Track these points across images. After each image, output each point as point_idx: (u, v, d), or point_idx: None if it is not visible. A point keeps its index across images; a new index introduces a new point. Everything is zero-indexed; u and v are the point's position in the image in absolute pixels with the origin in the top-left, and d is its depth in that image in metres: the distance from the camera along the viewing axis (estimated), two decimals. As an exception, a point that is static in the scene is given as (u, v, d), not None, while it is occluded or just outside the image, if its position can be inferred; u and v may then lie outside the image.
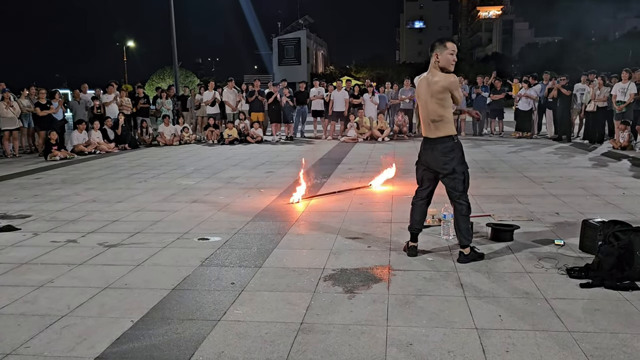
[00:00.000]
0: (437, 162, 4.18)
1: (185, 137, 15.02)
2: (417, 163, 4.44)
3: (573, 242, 4.63)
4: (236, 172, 9.41)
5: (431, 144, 4.21)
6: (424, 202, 4.41)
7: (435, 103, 4.10)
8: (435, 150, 4.17)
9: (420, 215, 4.41)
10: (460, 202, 4.16)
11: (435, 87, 4.08)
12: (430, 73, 4.16)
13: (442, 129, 4.13)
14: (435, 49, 4.11)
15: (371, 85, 16.32)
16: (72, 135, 13.13)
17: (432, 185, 4.38)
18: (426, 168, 4.31)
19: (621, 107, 11.69)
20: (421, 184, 4.42)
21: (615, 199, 6.42)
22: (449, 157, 4.12)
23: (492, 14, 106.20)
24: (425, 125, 4.26)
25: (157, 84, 34.59)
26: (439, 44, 4.12)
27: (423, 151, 4.31)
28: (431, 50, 4.15)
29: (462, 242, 4.20)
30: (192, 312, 3.37)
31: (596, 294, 3.52)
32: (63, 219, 6.04)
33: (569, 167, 9.12)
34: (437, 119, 4.12)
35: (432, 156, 4.20)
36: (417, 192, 4.46)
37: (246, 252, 4.62)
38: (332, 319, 3.21)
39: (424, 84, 4.20)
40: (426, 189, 4.39)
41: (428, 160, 4.25)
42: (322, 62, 71.53)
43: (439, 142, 4.15)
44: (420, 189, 4.44)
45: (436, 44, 4.14)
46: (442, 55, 4.08)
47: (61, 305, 3.53)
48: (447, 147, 4.13)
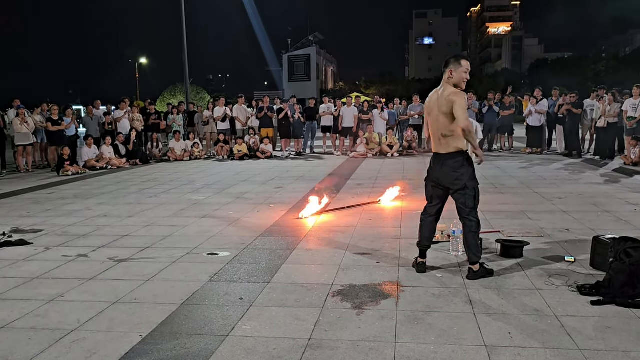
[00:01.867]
0: (447, 178, 4.18)
1: (196, 153, 15.13)
2: (426, 179, 4.44)
3: (583, 258, 4.59)
4: (246, 187, 9.45)
5: (441, 159, 4.20)
6: (432, 218, 4.41)
7: (446, 117, 4.10)
8: (445, 165, 4.17)
9: (429, 232, 4.40)
10: (470, 218, 4.15)
11: (445, 102, 4.08)
12: (443, 88, 4.17)
13: (453, 144, 4.13)
14: (450, 65, 4.13)
15: (380, 102, 16.39)
16: (83, 151, 13.28)
17: (441, 202, 4.37)
18: (436, 184, 4.31)
19: (632, 123, 11.64)
20: (430, 201, 4.41)
21: (627, 216, 6.37)
22: (460, 172, 4.12)
23: (502, 30, 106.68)
24: (435, 140, 4.27)
25: (169, 100, 34.99)
26: (454, 60, 4.15)
27: (433, 167, 4.32)
28: (445, 66, 4.17)
29: (472, 259, 4.18)
30: (200, 327, 3.38)
31: (607, 311, 3.48)
32: (74, 234, 6.09)
33: (579, 183, 9.07)
34: (447, 133, 4.12)
35: (442, 172, 4.20)
36: (426, 209, 4.45)
37: (255, 267, 4.63)
38: (341, 335, 3.20)
39: (434, 98, 4.21)
40: (435, 206, 4.38)
41: (438, 176, 4.24)
42: (331, 79, 71.93)
43: (449, 157, 4.15)
44: (429, 206, 4.43)
45: (451, 61, 4.16)
46: (456, 72, 4.10)
47: (71, 319, 3.56)
48: (458, 162, 4.12)
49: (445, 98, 4.08)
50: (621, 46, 78.41)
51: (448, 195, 4.31)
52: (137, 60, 54.92)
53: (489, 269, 4.25)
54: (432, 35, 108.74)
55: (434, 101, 4.20)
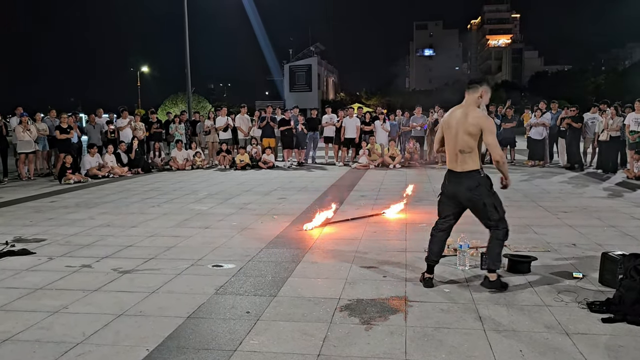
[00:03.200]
0: (464, 196, 4.16)
1: (198, 162, 15.11)
2: (440, 195, 4.39)
3: (592, 274, 4.56)
4: (249, 197, 9.43)
5: (457, 177, 4.18)
6: (443, 233, 4.38)
7: (468, 135, 4.10)
8: (461, 184, 4.15)
9: (438, 247, 4.37)
10: (499, 227, 4.16)
11: (473, 124, 4.07)
12: (470, 107, 4.17)
13: (470, 162, 4.12)
14: (483, 86, 4.18)
15: (382, 113, 16.40)
16: (85, 160, 13.27)
17: (454, 219, 4.35)
18: (452, 201, 4.26)
19: (635, 136, 11.64)
20: (443, 217, 4.37)
21: (633, 230, 6.34)
22: (476, 192, 4.11)
23: (502, 42, 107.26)
24: (451, 156, 4.23)
25: (170, 109, 35.02)
26: (486, 83, 4.24)
27: (448, 184, 4.28)
28: (474, 85, 4.18)
29: (490, 266, 4.17)
30: (207, 341, 3.34)
31: (619, 329, 3.45)
32: (77, 243, 6.05)
33: (583, 197, 9.05)
34: (466, 149, 4.11)
35: (458, 190, 4.17)
36: (437, 224, 4.41)
37: (261, 280, 4.59)
38: (350, 351, 3.16)
39: (458, 116, 4.18)
40: (447, 221, 4.35)
41: (456, 193, 4.20)
42: (332, 89, 72.15)
43: (465, 176, 4.13)
44: (441, 221, 4.39)
45: (484, 82, 4.23)
46: (486, 95, 4.18)
47: (76, 332, 3.52)
48: (474, 182, 4.11)
49: (473, 119, 4.07)
50: (620, 59, 78.79)
51: (463, 212, 4.29)
52: (139, 68, 55.13)
53: (504, 283, 4.23)
54: (433, 47, 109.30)
55: (458, 119, 4.17)
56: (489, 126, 4.08)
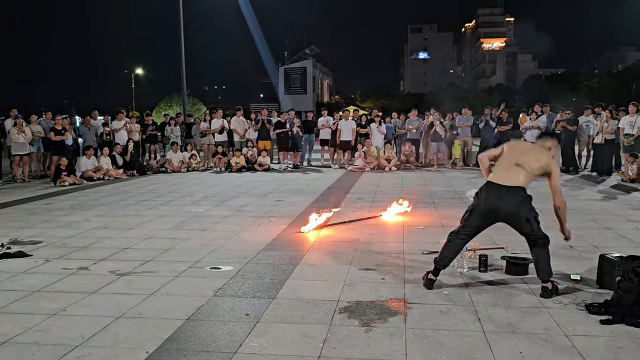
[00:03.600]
0: (507, 211, 4.12)
1: (193, 164, 15.08)
2: (474, 208, 4.26)
3: (589, 276, 4.58)
4: (245, 200, 9.41)
5: (502, 192, 4.13)
6: (462, 243, 4.33)
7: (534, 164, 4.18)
8: (506, 199, 4.11)
9: (452, 254, 4.33)
10: (541, 236, 4.17)
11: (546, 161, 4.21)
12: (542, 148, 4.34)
13: (520, 179, 4.15)
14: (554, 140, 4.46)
15: (378, 115, 16.43)
16: (81, 161, 13.21)
17: (478, 232, 4.33)
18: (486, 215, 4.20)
19: (630, 140, 11.71)
20: (468, 228, 4.29)
21: (629, 233, 6.38)
22: (520, 209, 4.11)
23: (496, 45, 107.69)
24: (503, 169, 4.21)
25: (165, 111, 34.96)
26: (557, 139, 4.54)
27: (489, 196, 4.16)
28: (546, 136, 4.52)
29: (546, 277, 4.15)
30: (207, 343, 3.33)
31: (617, 330, 3.46)
32: (74, 246, 6.03)
33: (579, 200, 9.09)
34: (525, 167, 4.15)
35: (502, 204, 4.11)
36: (459, 232, 4.31)
37: (259, 282, 4.58)
38: (350, 353, 3.16)
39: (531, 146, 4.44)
40: (470, 234, 4.31)
41: (498, 208, 4.12)
42: (327, 92, 72.22)
43: (511, 192, 4.12)
44: (464, 230, 4.29)
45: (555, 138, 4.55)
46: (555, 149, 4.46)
47: (75, 334, 3.50)
48: (518, 198, 4.12)
49: (547, 159, 4.21)
50: (613, 63, 79.31)
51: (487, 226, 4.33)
52: (134, 70, 55.03)
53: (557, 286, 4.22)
54: (427, 50, 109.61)
55: (530, 146, 4.41)
56: (557, 171, 4.26)
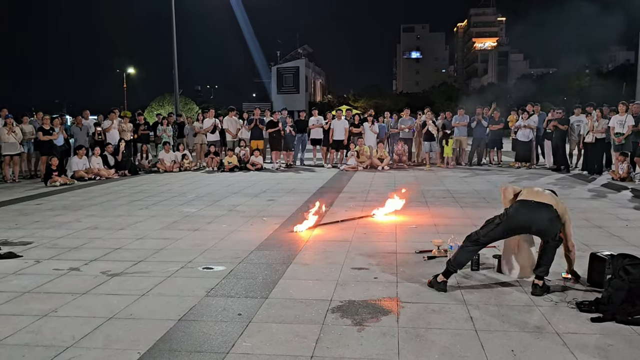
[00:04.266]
0: (540, 226, 4.21)
1: (186, 164, 15.03)
2: (502, 220, 4.30)
3: (580, 274, 4.59)
4: (238, 199, 9.39)
5: (535, 206, 4.24)
6: (478, 249, 4.40)
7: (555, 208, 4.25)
8: (540, 214, 4.20)
9: (467, 260, 4.43)
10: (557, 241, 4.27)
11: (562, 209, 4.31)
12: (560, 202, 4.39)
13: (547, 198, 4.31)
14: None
15: (371, 115, 16.44)
16: (72, 161, 13.14)
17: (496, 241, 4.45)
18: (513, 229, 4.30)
19: (620, 138, 11.80)
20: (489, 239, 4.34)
21: (619, 231, 6.43)
22: (554, 224, 4.22)
23: (488, 45, 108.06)
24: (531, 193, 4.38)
25: (157, 110, 34.84)
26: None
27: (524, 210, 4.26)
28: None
29: (540, 273, 4.22)
30: (199, 344, 3.32)
31: (608, 328, 3.49)
32: (65, 246, 5.99)
33: (570, 198, 9.14)
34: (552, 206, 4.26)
35: (536, 219, 4.20)
36: (478, 240, 4.32)
37: (251, 282, 4.58)
38: (343, 353, 3.16)
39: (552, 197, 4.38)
40: (488, 243, 4.39)
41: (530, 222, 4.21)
42: (320, 91, 72.23)
43: (544, 207, 4.22)
44: (483, 239, 4.32)
45: None
46: None
47: (66, 335, 3.48)
48: (551, 216, 4.21)
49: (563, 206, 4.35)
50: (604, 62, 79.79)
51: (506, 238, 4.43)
52: (125, 70, 54.78)
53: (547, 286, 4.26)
54: (420, 50, 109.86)
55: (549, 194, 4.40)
56: (570, 218, 4.41)
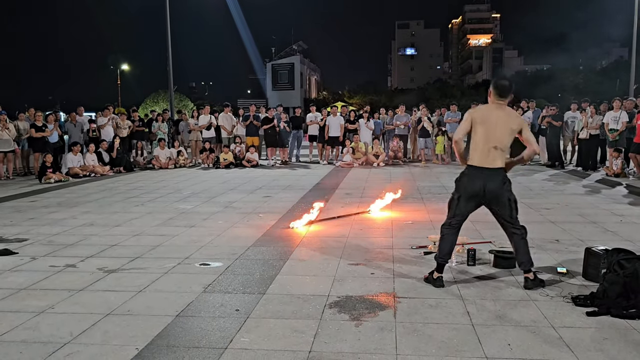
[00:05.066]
0: (493, 192, 4.17)
1: (181, 161, 15.00)
2: (459, 195, 4.28)
3: (575, 269, 4.64)
4: (234, 196, 9.39)
5: (488, 173, 4.17)
6: (456, 232, 4.35)
7: (509, 135, 4.23)
8: (492, 181, 4.16)
9: (450, 246, 4.35)
10: (518, 226, 4.29)
11: (517, 122, 4.26)
12: (508, 108, 4.31)
13: (499, 161, 4.21)
14: (513, 89, 4.30)
15: (366, 111, 16.45)
16: (67, 158, 13.09)
17: (466, 217, 4.35)
18: (471, 200, 4.24)
19: (614, 135, 11.86)
20: (457, 216, 4.31)
21: (614, 226, 6.47)
22: (506, 187, 4.22)
23: (482, 42, 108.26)
24: (481, 152, 4.19)
25: (151, 107, 34.72)
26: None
27: (475, 180, 4.19)
28: (511, 90, 4.28)
29: (528, 267, 4.21)
30: (197, 339, 3.32)
31: (603, 322, 3.52)
32: (61, 243, 5.97)
33: (565, 194, 9.20)
34: (502, 148, 4.21)
35: (488, 186, 4.16)
36: (450, 223, 4.33)
37: (249, 278, 4.58)
38: (341, 348, 3.18)
39: (499, 113, 4.21)
40: (461, 220, 4.33)
41: (484, 190, 4.16)
42: (315, 87, 72.16)
43: (495, 173, 4.18)
44: (455, 220, 4.31)
45: (513, 86, 4.33)
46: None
47: (63, 332, 3.47)
48: (504, 177, 4.22)
49: (516, 118, 4.26)
50: (598, 59, 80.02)
51: (475, 210, 4.35)
52: (119, 66, 54.51)
53: (541, 279, 4.27)
54: (414, 46, 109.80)
55: (499, 116, 4.20)
56: (527, 124, 4.37)
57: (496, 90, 4.23)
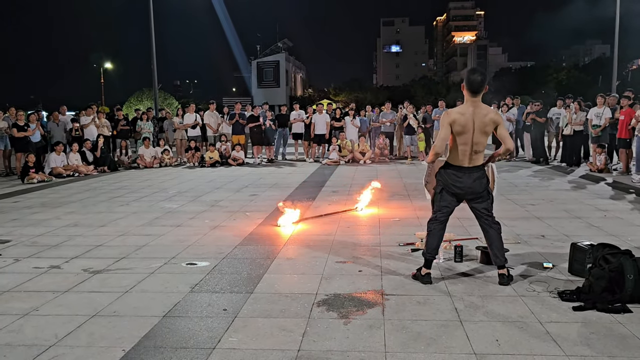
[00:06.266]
0: (474, 188, 4.23)
1: (166, 160, 14.88)
2: (442, 190, 4.33)
3: (561, 264, 4.68)
4: (220, 195, 9.33)
5: (468, 171, 4.22)
6: (442, 227, 4.37)
7: (486, 136, 4.22)
8: (471, 177, 4.21)
9: (438, 241, 4.36)
10: (496, 221, 4.32)
11: (491, 122, 4.19)
12: (480, 105, 4.20)
13: (480, 159, 4.25)
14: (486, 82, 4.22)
15: (352, 109, 16.46)
16: (50, 158, 12.90)
17: (451, 211, 4.38)
18: (453, 196, 4.29)
19: (597, 130, 11.99)
20: (443, 210, 4.33)
21: (598, 221, 6.54)
22: (483, 181, 4.26)
23: (467, 39, 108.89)
24: (462, 155, 4.21)
25: (136, 105, 34.42)
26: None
27: (456, 179, 4.23)
28: (484, 85, 4.19)
29: (503, 263, 4.26)
30: (185, 340, 3.29)
31: (589, 317, 3.55)
32: (44, 244, 5.88)
33: (550, 190, 9.28)
34: (481, 150, 4.22)
35: (468, 183, 4.21)
36: (436, 218, 4.36)
37: (236, 277, 4.55)
38: (330, 346, 3.17)
39: (477, 116, 4.15)
40: (447, 215, 4.36)
41: (465, 187, 4.22)
42: (300, 85, 72.04)
43: (474, 170, 4.23)
44: (441, 214, 4.34)
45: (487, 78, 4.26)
46: None
47: (48, 334, 3.42)
48: (482, 172, 4.26)
49: (491, 119, 4.18)
50: (580, 56, 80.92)
51: (458, 204, 4.39)
52: (102, 65, 53.91)
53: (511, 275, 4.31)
54: (400, 43, 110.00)
55: (476, 118, 4.15)
56: (502, 120, 4.32)
57: (468, 86, 4.20)
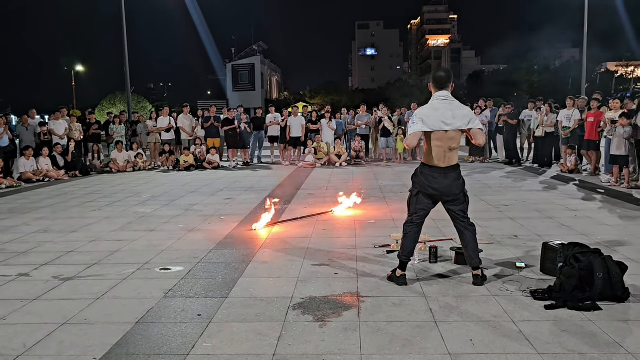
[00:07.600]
0: (451, 189, 4.22)
1: (140, 164, 14.67)
2: (418, 192, 4.31)
3: (533, 263, 4.75)
4: (194, 199, 9.24)
5: (444, 172, 4.19)
6: (418, 229, 4.37)
7: (459, 133, 4.20)
8: (449, 178, 4.20)
9: (414, 243, 4.37)
10: (471, 223, 4.35)
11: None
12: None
13: (455, 157, 4.23)
14: (453, 78, 4.24)
15: (328, 111, 16.49)
16: (19, 163, 12.59)
17: (427, 214, 4.38)
18: (429, 198, 4.27)
19: (567, 132, 12.24)
20: (419, 212, 4.33)
21: (568, 221, 6.67)
22: (460, 182, 4.25)
23: (441, 42, 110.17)
24: (438, 153, 4.18)
25: (108, 109, 33.91)
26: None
27: (433, 180, 4.20)
28: (449, 80, 4.22)
29: (478, 264, 4.29)
30: (158, 346, 3.24)
31: (561, 315, 3.61)
32: (13, 251, 5.73)
33: (522, 191, 9.43)
34: (455, 146, 4.20)
35: (445, 184, 4.19)
36: (412, 220, 4.35)
37: (211, 282, 4.50)
38: (305, 349, 3.15)
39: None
40: (423, 217, 4.35)
41: (441, 188, 4.20)
42: (276, 88, 71.93)
43: (451, 170, 4.21)
44: (417, 217, 4.34)
45: (452, 74, 4.27)
46: None
47: (16, 344, 3.33)
48: (458, 173, 4.25)
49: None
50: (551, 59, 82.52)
51: (432, 208, 4.38)
52: (74, 67, 52.93)
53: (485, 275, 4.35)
54: (375, 46, 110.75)
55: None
56: (475, 115, 4.30)
57: (435, 83, 4.26)
